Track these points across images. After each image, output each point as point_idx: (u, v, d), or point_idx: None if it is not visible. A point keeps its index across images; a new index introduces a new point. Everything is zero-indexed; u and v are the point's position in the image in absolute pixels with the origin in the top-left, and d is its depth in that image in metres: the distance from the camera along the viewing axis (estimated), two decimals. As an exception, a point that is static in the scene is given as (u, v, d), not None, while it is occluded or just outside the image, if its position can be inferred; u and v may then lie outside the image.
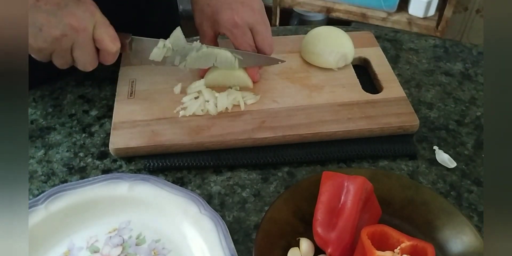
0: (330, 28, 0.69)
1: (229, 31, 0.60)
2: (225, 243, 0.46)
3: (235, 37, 0.60)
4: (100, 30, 0.52)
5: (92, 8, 0.52)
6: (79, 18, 0.50)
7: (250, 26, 0.60)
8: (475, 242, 0.45)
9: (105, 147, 0.59)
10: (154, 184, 0.51)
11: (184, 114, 0.59)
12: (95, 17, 0.52)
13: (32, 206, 0.48)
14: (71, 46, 0.52)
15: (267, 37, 0.61)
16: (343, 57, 0.66)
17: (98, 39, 0.53)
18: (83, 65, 0.55)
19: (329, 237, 0.44)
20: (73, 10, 0.50)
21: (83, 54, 0.53)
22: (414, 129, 0.60)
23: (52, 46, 0.51)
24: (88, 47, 0.53)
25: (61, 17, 0.50)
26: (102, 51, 0.54)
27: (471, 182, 0.56)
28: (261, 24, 0.60)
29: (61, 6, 0.50)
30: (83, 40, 0.52)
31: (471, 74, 0.71)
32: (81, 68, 0.55)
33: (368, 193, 0.46)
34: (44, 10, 0.49)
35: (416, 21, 1.60)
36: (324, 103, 0.62)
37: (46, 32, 0.50)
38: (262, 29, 0.60)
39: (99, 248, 0.47)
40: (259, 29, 0.60)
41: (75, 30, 0.50)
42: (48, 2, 0.49)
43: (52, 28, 0.50)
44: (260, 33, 0.60)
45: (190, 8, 0.65)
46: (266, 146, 0.58)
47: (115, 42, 0.54)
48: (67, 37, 0.51)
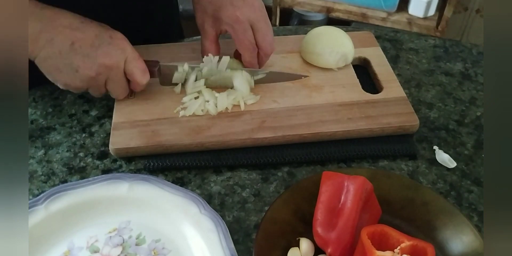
0: (330, 28, 0.69)
1: (231, 26, 0.60)
2: (225, 243, 0.46)
3: (237, 33, 0.61)
4: (131, 64, 0.56)
5: (123, 43, 0.55)
6: (112, 57, 0.54)
7: (251, 23, 0.60)
8: (475, 242, 0.45)
9: (105, 147, 0.59)
10: (154, 184, 0.51)
11: (184, 114, 0.59)
12: (126, 52, 0.55)
13: (32, 206, 0.48)
14: (105, 80, 0.56)
15: (267, 35, 0.62)
16: (343, 57, 0.66)
17: (129, 73, 0.57)
18: (116, 95, 0.59)
19: (329, 237, 0.44)
20: (106, 50, 0.54)
21: (116, 87, 0.57)
22: (414, 129, 0.60)
23: (89, 84, 0.56)
24: (120, 81, 0.57)
25: (95, 58, 0.53)
26: (133, 82, 0.58)
27: (471, 182, 0.56)
28: (262, 21, 0.61)
29: (95, 46, 0.53)
30: (116, 76, 0.56)
31: (471, 74, 0.71)
32: (114, 97, 0.60)
33: (368, 193, 0.46)
34: (79, 53, 0.53)
35: (416, 21, 1.60)
36: (324, 103, 0.62)
37: (82, 73, 0.54)
38: (263, 27, 0.61)
39: (99, 248, 0.47)
40: (260, 26, 0.61)
41: (109, 68, 0.54)
42: (83, 44, 0.53)
43: (88, 69, 0.53)
44: (261, 30, 0.61)
45: (190, 8, 0.65)
46: (266, 146, 0.58)
47: (145, 75, 0.58)
48: (102, 75, 0.55)
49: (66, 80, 0.55)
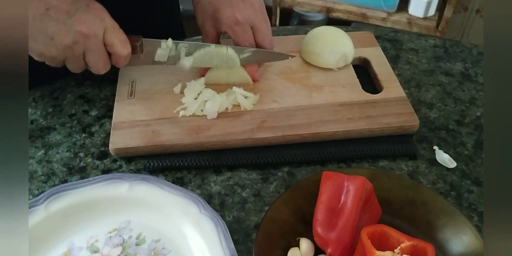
0: (330, 28, 0.69)
1: (230, 28, 0.60)
2: (225, 243, 0.46)
3: (236, 34, 0.60)
4: (110, 35, 0.53)
5: (101, 13, 0.53)
6: (89, 25, 0.51)
7: (251, 24, 0.60)
8: (475, 242, 0.45)
9: (105, 147, 0.59)
10: (154, 184, 0.51)
11: (184, 114, 0.59)
12: (105, 22, 0.53)
13: (32, 206, 0.48)
14: (83, 52, 0.53)
15: (267, 35, 0.62)
16: (343, 57, 0.66)
17: (109, 44, 0.54)
18: (96, 69, 0.56)
19: (329, 237, 0.44)
20: (82, 17, 0.51)
21: (95, 59, 0.54)
22: (414, 129, 0.60)
23: (65, 53, 0.52)
24: (99, 52, 0.54)
25: (71, 25, 0.50)
26: (114, 55, 0.55)
27: (471, 182, 0.56)
28: (262, 22, 0.61)
29: (71, 13, 0.51)
30: (94, 46, 0.53)
31: (471, 74, 0.71)
32: (94, 72, 0.56)
33: (368, 193, 0.46)
34: (54, 19, 0.50)
35: (416, 21, 1.60)
36: (324, 103, 0.62)
37: (57, 41, 0.51)
38: (262, 27, 0.61)
39: (99, 248, 0.47)
40: (260, 26, 0.61)
41: (86, 36, 0.51)
42: (58, 10, 0.50)
43: (63, 36, 0.51)
44: (261, 31, 0.61)
45: (191, 8, 0.65)
46: (266, 146, 0.58)
47: (126, 46, 0.55)
48: (79, 44, 0.52)
49: (41, 49, 0.52)
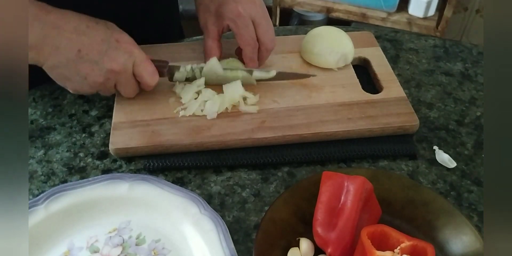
0: (330, 28, 0.69)
1: (233, 21, 0.61)
2: (225, 243, 0.46)
3: (238, 28, 0.61)
4: (139, 68, 0.56)
5: (130, 46, 0.55)
6: (119, 62, 0.54)
7: (252, 19, 0.61)
8: (475, 242, 0.45)
9: (105, 147, 0.59)
10: (154, 184, 0.51)
11: (184, 114, 0.59)
12: (133, 55, 0.55)
13: (32, 206, 0.48)
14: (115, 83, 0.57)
15: (268, 30, 0.63)
16: (343, 57, 0.66)
17: (138, 76, 0.57)
18: (127, 95, 0.60)
19: (329, 237, 0.44)
20: (113, 55, 0.54)
21: (125, 88, 0.58)
22: (414, 129, 0.60)
23: (98, 89, 0.56)
24: (129, 83, 0.57)
25: (103, 65, 0.53)
26: (142, 84, 0.59)
27: (471, 182, 0.56)
28: (263, 17, 0.62)
29: (102, 52, 0.53)
30: (125, 79, 0.56)
31: (471, 74, 0.71)
32: (124, 96, 0.60)
33: (368, 193, 0.46)
34: (86, 60, 0.52)
35: (416, 21, 1.60)
36: (324, 103, 0.62)
37: (90, 80, 0.54)
38: (263, 22, 0.62)
39: (99, 248, 0.47)
40: (261, 22, 0.62)
41: (117, 73, 0.55)
42: (90, 51, 0.52)
43: (96, 76, 0.54)
44: (262, 26, 0.62)
45: (190, 8, 0.66)
46: (266, 146, 0.58)
47: (154, 77, 0.58)
48: (110, 80, 0.55)
49: (76, 87, 0.56)
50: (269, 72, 0.63)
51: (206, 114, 0.59)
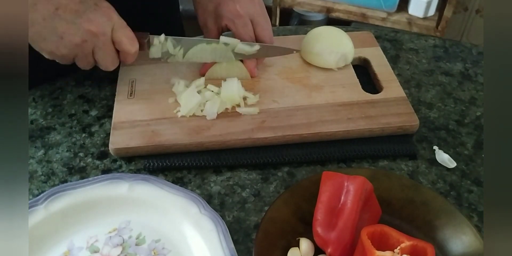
0: (330, 28, 0.69)
1: (232, 21, 0.61)
2: (225, 243, 0.46)
3: (237, 27, 0.61)
4: (118, 32, 0.54)
5: (109, 11, 0.54)
6: (98, 24, 0.52)
7: (251, 18, 0.61)
8: (475, 242, 0.45)
9: (105, 147, 0.59)
10: (154, 184, 0.51)
11: (182, 114, 0.59)
12: (112, 20, 0.54)
13: (32, 206, 0.48)
14: (92, 50, 0.54)
15: (267, 29, 0.63)
16: (343, 57, 0.66)
17: (117, 41, 0.55)
18: (105, 66, 0.57)
19: (329, 237, 0.44)
20: (91, 16, 0.52)
21: (104, 56, 0.55)
22: (414, 129, 0.60)
23: (75, 52, 0.54)
24: (108, 50, 0.55)
25: (80, 24, 0.52)
26: (122, 52, 0.56)
27: (471, 182, 0.56)
28: (261, 16, 0.62)
29: (79, 13, 0.52)
30: (103, 44, 0.54)
31: (471, 74, 0.71)
32: (103, 69, 0.57)
33: (368, 193, 0.46)
34: (63, 18, 0.51)
35: (416, 21, 1.60)
36: (324, 103, 0.62)
37: (67, 40, 0.52)
38: (262, 21, 0.62)
39: (99, 248, 0.47)
40: (260, 20, 0.62)
41: (95, 35, 0.53)
42: (67, 10, 0.51)
43: (73, 35, 0.52)
44: (261, 24, 0.62)
45: (190, 8, 0.66)
46: (266, 146, 0.58)
47: (134, 43, 0.56)
48: (88, 42, 0.53)
49: (51, 48, 0.53)
50: (253, 46, 0.62)
51: (205, 115, 0.59)
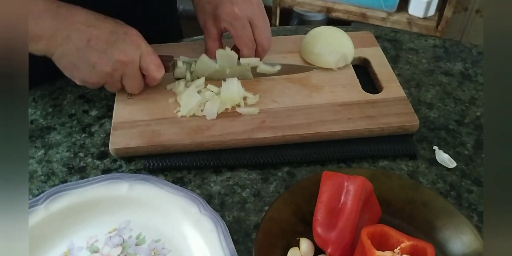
0: (330, 28, 0.69)
1: (230, 23, 0.61)
2: (225, 243, 0.46)
3: (236, 29, 0.61)
4: (146, 60, 0.57)
5: (137, 40, 0.57)
6: (127, 53, 0.55)
7: (249, 19, 0.61)
8: (475, 242, 0.45)
9: (105, 147, 0.59)
10: (154, 184, 0.51)
11: (182, 114, 0.59)
12: (140, 48, 0.57)
13: (32, 206, 0.48)
14: (121, 77, 0.58)
15: (265, 31, 0.63)
16: (343, 57, 0.66)
17: (144, 68, 0.58)
18: (132, 90, 0.60)
19: (329, 237, 0.44)
20: (121, 46, 0.55)
21: (132, 82, 0.59)
22: (414, 129, 0.60)
23: (105, 79, 0.57)
24: (136, 76, 0.58)
25: (111, 54, 0.54)
26: (148, 77, 0.59)
27: (471, 182, 0.56)
28: (260, 17, 0.62)
29: (110, 43, 0.54)
30: (131, 71, 0.57)
31: (471, 74, 0.71)
32: (129, 92, 0.61)
33: (368, 193, 0.46)
34: (95, 49, 0.54)
35: (416, 21, 1.60)
36: (324, 103, 0.62)
37: (99, 69, 0.55)
38: (260, 23, 0.62)
39: (99, 248, 0.47)
40: (258, 22, 0.62)
41: (125, 64, 0.56)
42: (99, 41, 0.54)
43: (104, 65, 0.55)
44: (259, 26, 0.62)
45: (190, 9, 0.66)
46: (266, 146, 0.58)
47: (160, 69, 0.59)
48: (118, 71, 0.56)
49: (84, 76, 0.56)
50: (274, 66, 0.64)
51: (205, 115, 0.59)
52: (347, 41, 0.67)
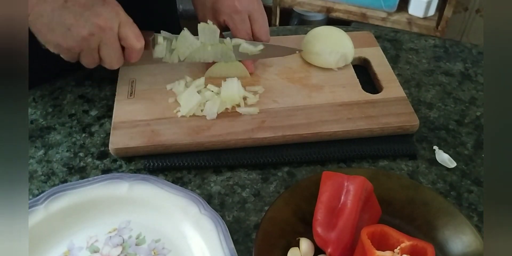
0: (330, 28, 0.69)
1: (230, 16, 0.61)
2: (225, 243, 0.46)
3: (235, 23, 0.62)
4: (125, 28, 0.55)
5: (116, 8, 0.54)
6: (105, 18, 0.53)
7: (249, 14, 0.62)
8: (475, 242, 0.45)
9: (105, 147, 0.59)
10: (154, 184, 0.51)
11: (182, 114, 0.59)
12: (119, 16, 0.54)
13: (32, 206, 0.48)
14: (98, 45, 0.54)
15: (264, 25, 0.63)
16: (343, 57, 0.66)
17: (123, 37, 0.55)
18: (110, 63, 0.57)
19: (329, 237, 0.44)
20: (99, 10, 0.52)
21: (109, 52, 0.55)
22: (414, 129, 0.60)
23: (81, 45, 0.54)
24: (114, 45, 0.55)
25: (88, 17, 0.52)
26: (127, 48, 0.56)
27: (471, 182, 0.56)
28: (259, 12, 0.63)
29: (88, 6, 0.52)
30: (109, 39, 0.54)
31: (471, 74, 0.71)
32: (107, 66, 0.58)
33: (368, 193, 0.46)
34: (72, 11, 0.51)
35: (416, 21, 1.60)
36: (324, 103, 0.62)
37: (74, 32, 0.52)
38: (259, 17, 0.62)
39: (99, 248, 0.47)
40: (257, 17, 0.62)
41: (102, 29, 0.53)
42: (76, 3, 0.51)
43: (80, 27, 0.52)
44: (258, 21, 0.62)
45: (190, 8, 0.66)
46: (266, 146, 0.58)
47: (140, 39, 0.56)
48: (94, 36, 0.53)
49: (58, 40, 0.53)
50: (256, 46, 0.63)
51: (206, 115, 0.59)
52: (347, 41, 0.67)
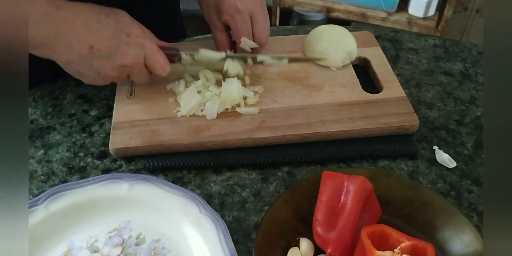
0: (332, 26, 0.69)
1: (231, 16, 0.61)
2: (225, 243, 0.46)
3: (236, 23, 0.62)
4: (151, 60, 0.57)
5: (140, 41, 0.56)
6: (131, 57, 0.55)
7: (250, 13, 0.62)
8: (475, 242, 0.45)
9: (105, 147, 0.59)
10: (154, 184, 0.51)
11: (182, 114, 0.59)
12: (144, 49, 0.56)
13: (32, 206, 0.48)
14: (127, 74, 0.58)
15: (265, 27, 0.63)
16: (349, 54, 0.66)
17: (150, 67, 0.58)
18: (140, 83, 0.61)
19: (329, 237, 0.44)
20: (124, 51, 0.54)
21: (138, 77, 0.59)
22: (414, 129, 0.60)
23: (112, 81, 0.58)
24: (142, 74, 0.58)
25: (115, 60, 0.54)
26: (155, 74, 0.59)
27: (471, 182, 0.56)
28: (261, 13, 0.63)
29: (113, 48, 0.54)
30: (136, 71, 0.57)
31: (471, 74, 0.71)
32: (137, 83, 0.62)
33: (368, 193, 0.46)
34: (99, 56, 0.53)
35: (416, 21, 1.60)
36: (324, 103, 0.62)
37: (104, 74, 0.55)
38: (260, 18, 0.63)
39: (99, 248, 0.47)
40: (259, 17, 0.62)
41: (129, 67, 0.56)
42: (101, 48, 0.53)
43: (109, 71, 0.55)
44: (260, 22, 0.62)
45: (190, 8, 0.66)
46: (266, 146, 0.58)
47: (166, 68, 0.58)
48: (123, 73, 0.57)
49: (89, 81, 0.57)
50: (281, 59, 0.63)
51: (205, 115, 0.59)
52: (350, 38, 0.67)
